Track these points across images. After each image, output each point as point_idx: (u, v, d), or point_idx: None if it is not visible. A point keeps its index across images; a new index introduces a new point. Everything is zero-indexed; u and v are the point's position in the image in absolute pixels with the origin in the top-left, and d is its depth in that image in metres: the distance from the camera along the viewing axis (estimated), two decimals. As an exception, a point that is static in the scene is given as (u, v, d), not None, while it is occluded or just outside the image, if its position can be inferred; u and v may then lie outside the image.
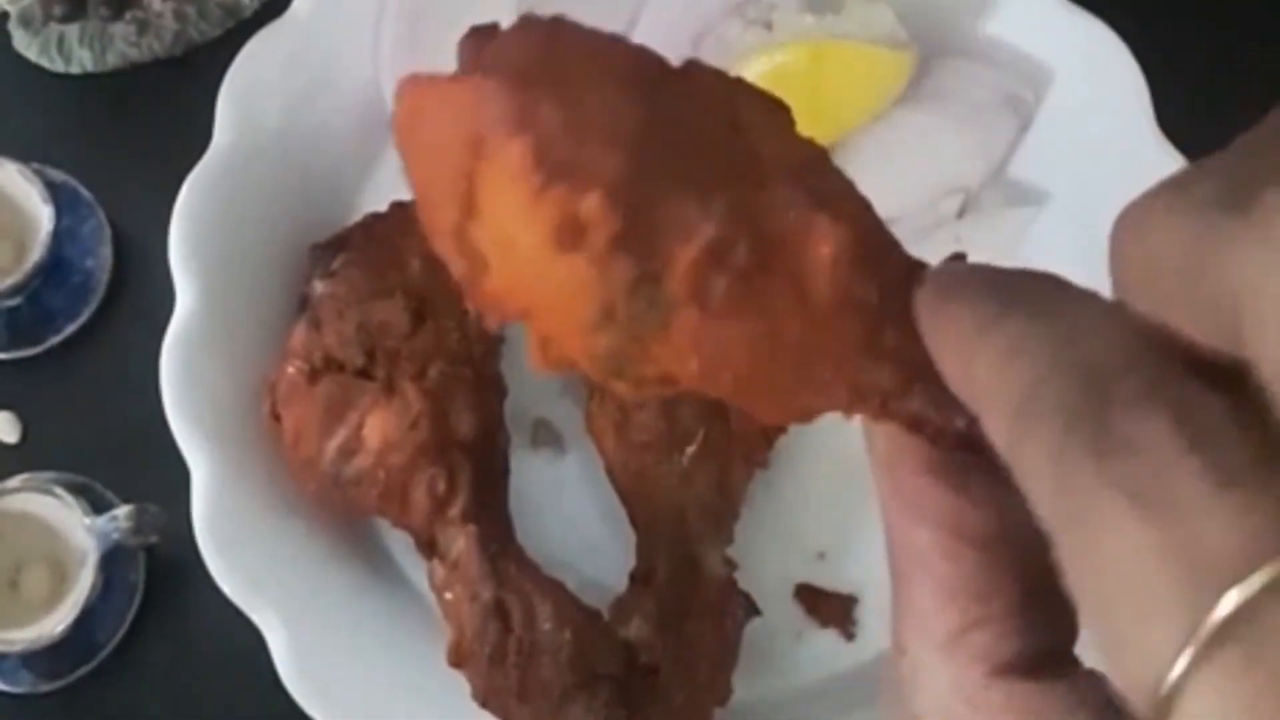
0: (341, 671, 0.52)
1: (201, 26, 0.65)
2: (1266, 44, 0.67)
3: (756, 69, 0.57)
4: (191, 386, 0.53)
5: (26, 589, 0.56)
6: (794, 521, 0.58)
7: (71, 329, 0.62)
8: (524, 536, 0.54)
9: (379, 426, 0.51)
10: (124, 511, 0.55)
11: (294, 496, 0.54)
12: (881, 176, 0.59)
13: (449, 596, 0.51)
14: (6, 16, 0.65)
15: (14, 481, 0.57)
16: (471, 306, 0.43)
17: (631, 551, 0.54)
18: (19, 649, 0.55)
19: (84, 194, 0.63)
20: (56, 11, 0.63)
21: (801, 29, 0.58)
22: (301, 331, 0.53)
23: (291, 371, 0.53)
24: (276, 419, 0.53)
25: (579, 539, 0.57)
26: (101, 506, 0.57)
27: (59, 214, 0.59)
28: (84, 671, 0.58)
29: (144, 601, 0.59)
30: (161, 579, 0.59)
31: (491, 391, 0.55)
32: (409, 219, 0.54)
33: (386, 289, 0.53)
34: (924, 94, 0.60)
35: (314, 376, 0.52)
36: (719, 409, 0.54)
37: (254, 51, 0.58)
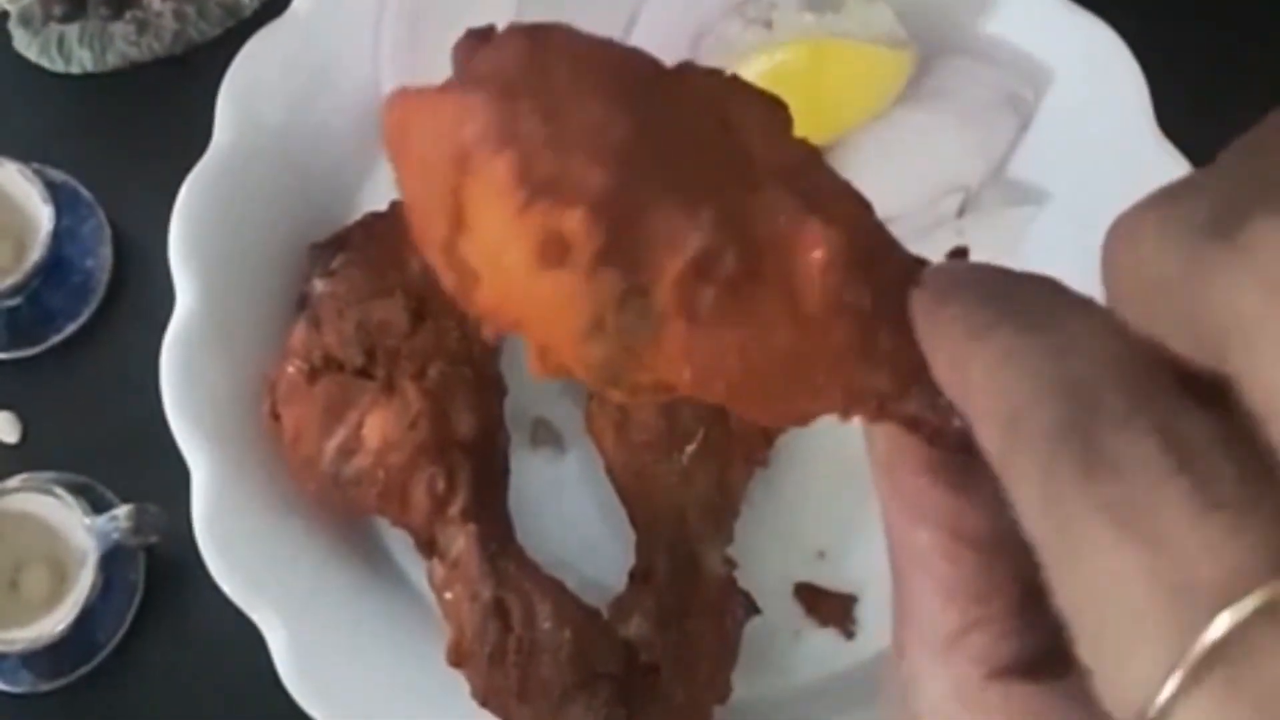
0: (341, 671, 0.52)
1: (201, 26, 0.65)
2: (1266, 44, 0.67)
3: (756, 68, 0.57)
4: (191, 386, 0.53)
5: (26, 589, 0.56)
6: (794, 520, 0.58)
7: (71, 329, 0.62)
8: (524, 536, 0.54)
9: (379, 426, 0.51)
10: (124, 511, 0.55)
11: (294, 496, 0.54)
12: (881, 175, 0.59)
13: (449, 596, 0.51)
14: (6, 16, 0.65)
15: (14, 481, 0.57)
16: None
17: (631, 550, 0.54)
18: (19, 649, 0.55)
19: (84, 194, 0.63)
20: (56, 11, 0.63)
21: (801, 28, 0.58)
22: (301, 331, 0.53)
23: (291, 371, 0.53)
24: (276, 418, 0.53)
25: (579, 538, 0.57)
26: (101, 506, 0.57)
27: (59, 214, 0.59)
28: (84, 671, 0.58)
29: (144, 601, 0.59)
30: (161, 579, 0.59)
31: (491, 391, 0.55)
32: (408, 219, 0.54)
33: (386, 288, 0.53)
34: (924, 93, 0.60)
35: (314, 376, 0.52)
36: (719, 408, 0.53)
37: (254, 51, 0.58)
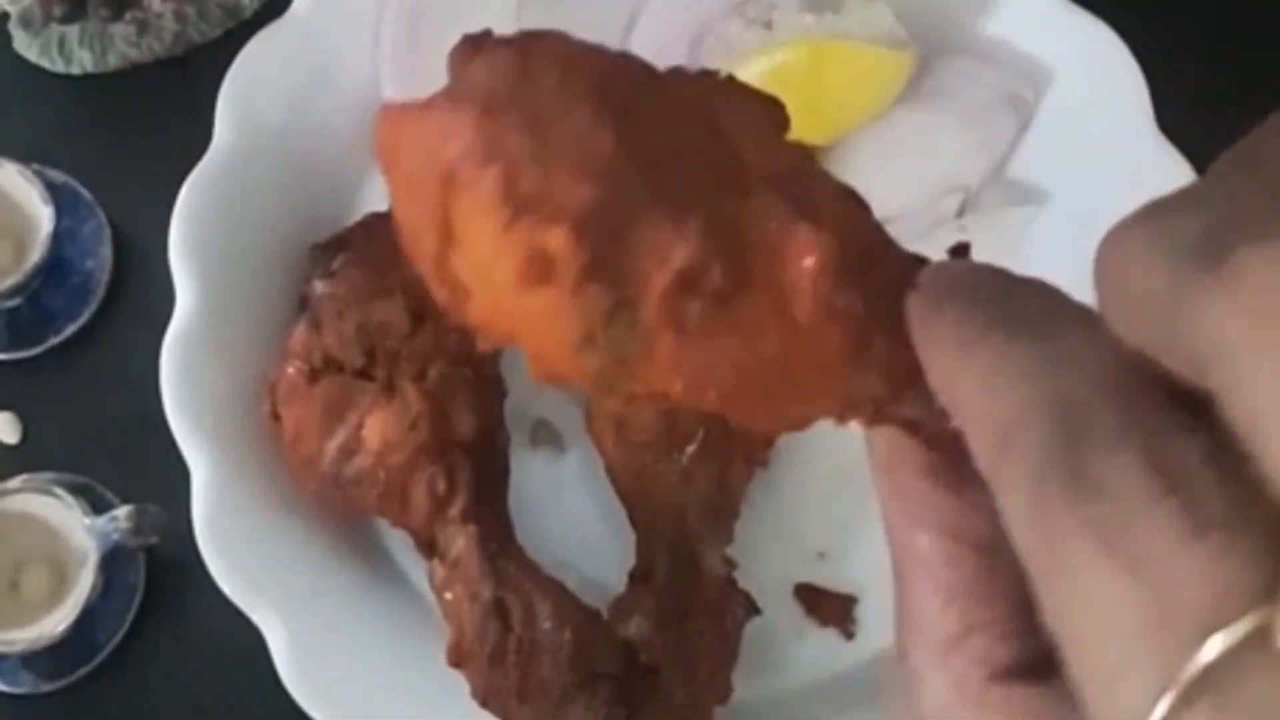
0: (341, 671, 0.52)
1: (201, 27, 0.65)
2: (1266, 44, 0.67)
3: (756, 68, 0.57)
4: (191, 387, 0.53)
5: (27, 589, 0.56)
6: (794, 521, 0.58)
7: (71, 329, 0.62)
8: (524, 536, 0.54)
9: (379, 426, 0.51)
10: (124, 512, 0.55)
11: (294, 497, 0.54)
12: (881, 175, 0.59)
13: (449, 596, 0.51)
14: (7, 17, 0.65)
15: (14, 482, 0.57)
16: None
17: (631, 551, 0.54)
18: (19, 649, 0.55)
19: (84, 194, 0.63)
20: (57, 12, 0.63)
21: (801, 28, 0.58)
22: (301, 332, 0.53)
23: (291, 372, 0.53)
24: (276, 419, 0.53)
25: (579, 538, 0.57)
26: (101, 507, 0.57)
27: (59, 214, 0.59)
28: (84, 672, 0.58)
29: (144, 602, 0.59)
30: (161, 579, 0.59)
31: (491, 391, 0.55)
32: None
33: (386, 289, 0.53)
34: (924, 93, 0.60)
35: (314, 376, 0.52)
36: (719, 409, 0.53)
37: (254, 52, 0.58)
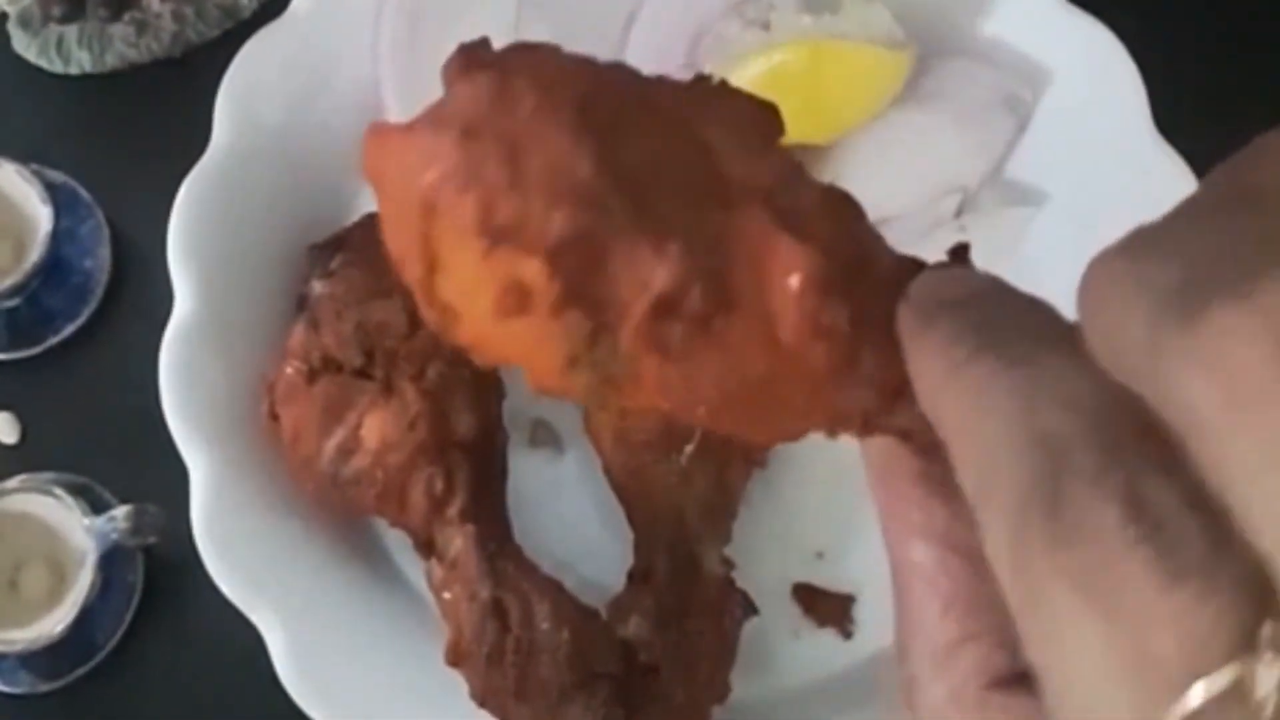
0: (340, 671, 0.52)
1: (200, 27, 0.65)
2: (1265, 44, 0.67)
3: (754, 69, 0.57)
4: (190, 387, 0.53)
5: (25, 589, 0.56)
6: (792, 521, 0.58)
7: (70, 329, 0.62)
8: (522, 536, 0.54)
9: (377, 426, 0.51)
10: (123, 512, 0.55)
11: (292, 497, 0.54)
12: (879, 176, 0.59)
13: (447, 596, 0.51)
14: (5, 17, 0.65)
15: (13, 482, 0.57)
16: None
17: (630, 551, 0.54)
18: (18, 649, 0.55)
19: (83, 194, 0.63)
20: (55, 12, 0.63)
21: (799, 29, 0.58)
22: (300, 332, 0.53)
23: (290, 371, 0.53)
24: (275, 419, 0.53)
25: (577, 538, 0.57)
26: (100, 507, 0.57)
27: (58, 214, 0.59)
28: (83, 672, 0.58)
29: (143, 602, 0.59)
30: (160, 579, 0.59)
31: (490, 391, 0.55)
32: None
33: (385, 289, 0.53)
34: (922, 94, 0.60)
35: (312, 376, 0.52)
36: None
37: (252, 52, 0.58)
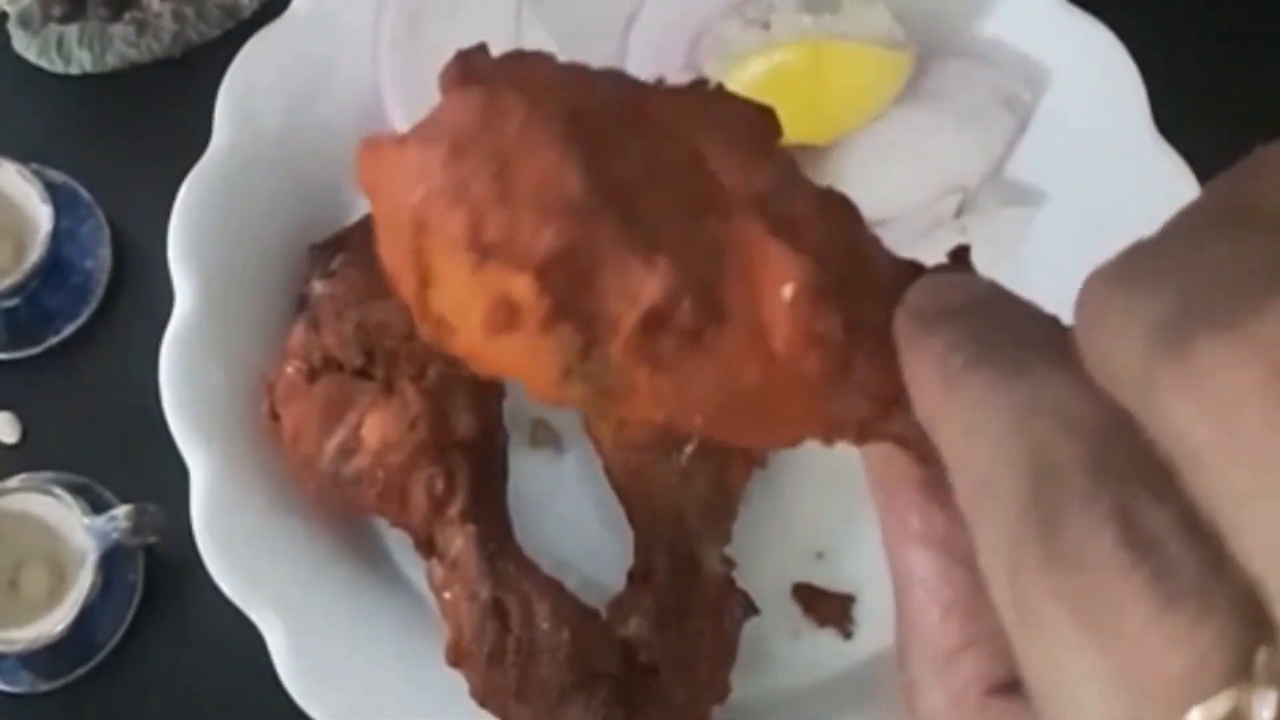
0: (340, 670, 0.52)
1: (200, 27, 0.65)
2: (1265, 44, 0.67)
3: (755, 69, 0.57)
4: (190, 386, 0.53)
5: (26, 589, 0.56)
6: (792, 521, 0.58)
7: (71, 329, 0.62)
8: (522, 536, 0.54)
9: (378, 426, 0.51)
10: (123, 511, 0.55)
11: (293, 496, 0.54)
12: (879, 176, 0.59)
13: (447, 596, 0.51)
14: (6, 17, 0.65)
15: (13, 481, 0.57)
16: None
17: (630, 550, 0.54)
18: (18, 649, 0.55)
19: (83, 194, 0.63)
20: (56, 12, 0.64)
21: (799, 29, 0.58)
22: (300, 331, 0.53)
23: (290, 371, 0.53)
24: (275, 419, 0.53)
25: (577, 538, 0.57)
26: (101, 506, 0.57)
27: (58, 214, 0.60)
28: (83, 671, 0.58)
29: (143, 601, 0.59)
30: (161, 579, 0.59)
31: (490, 391, 0.55)
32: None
33: (385, 289, 0.53)
34: (922, 94, 0.60)
35: (313, 376, 0.52)
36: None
37: (253, 52, 0.58)
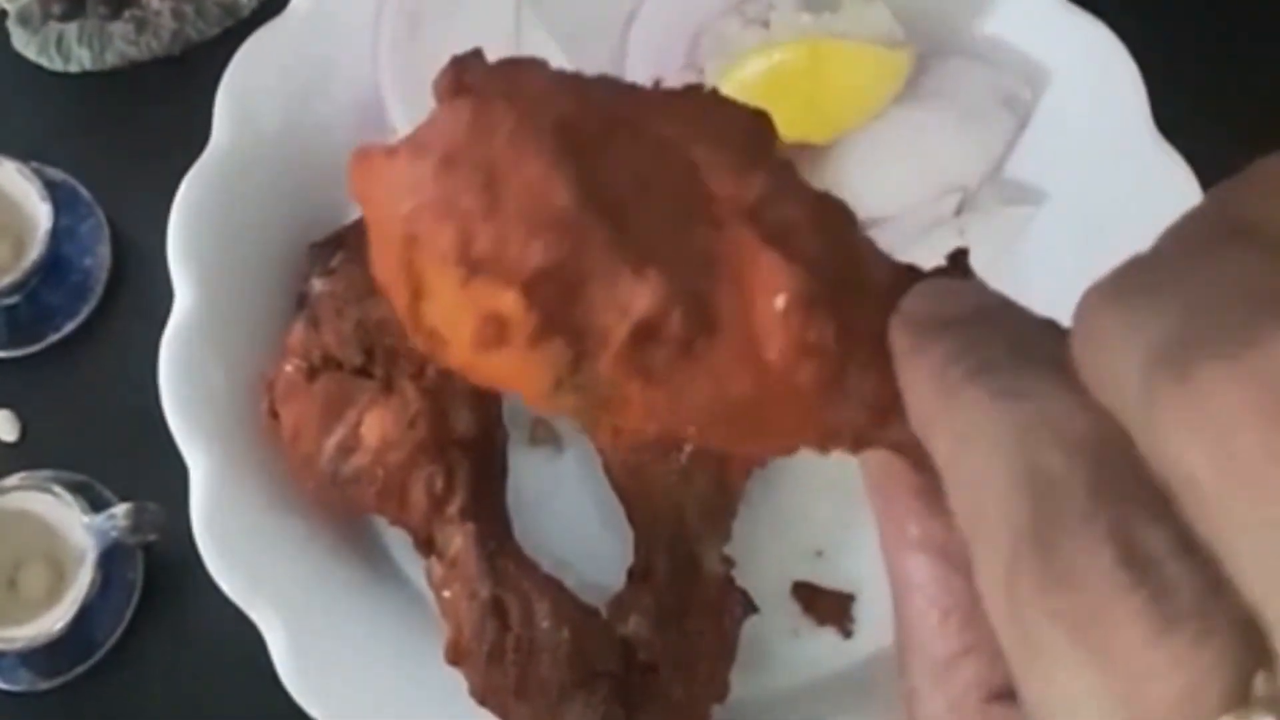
0: (340, 669, 0.52)
1: (200, 25, 0.65)
2: (1265, 44, 0.67)
3: (754, 68, 0.57)
4: (190, 385, 0.53)
5: (25, 587, 0.56)
6: (792, 519, 0.58)
7: (70, 327, 0.62)
8: (522, 535, 0.54)
9: (377, 425, 0.51)
10: (122, 510, 0.55)
11: (292, 495, 0.54)
12: (879, 175, 0.59)
13: (447, 594, 0.51)
14: (5, 15, 0.65)
15: (12, 480, 0.57)
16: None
17: (629, 549, 0.54)
18: (18, 647, 0.55)
19: (82, 192, 0.63)
20: (55, 10, 0.63)
21: (799, 28, 0.58)
22: (300, 330, 0.53)
23: (290, 370, 0.53)
24: (275, 417, 0.53)
25: (577, 537, 0.57)
26: (100, 504, 0.57)
27: (57, 212, 0.59)
28: (82, 669, 0.58)
29: (142, 600, 0.59)
30: (160, 577, 0.59)
31: (490, 390, 0.55)
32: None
33: (384, 288, 0.53)
34: (922, 93, 0.60)
35: (312, 374, 0.52)
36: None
37: (252, 50, 0.58)
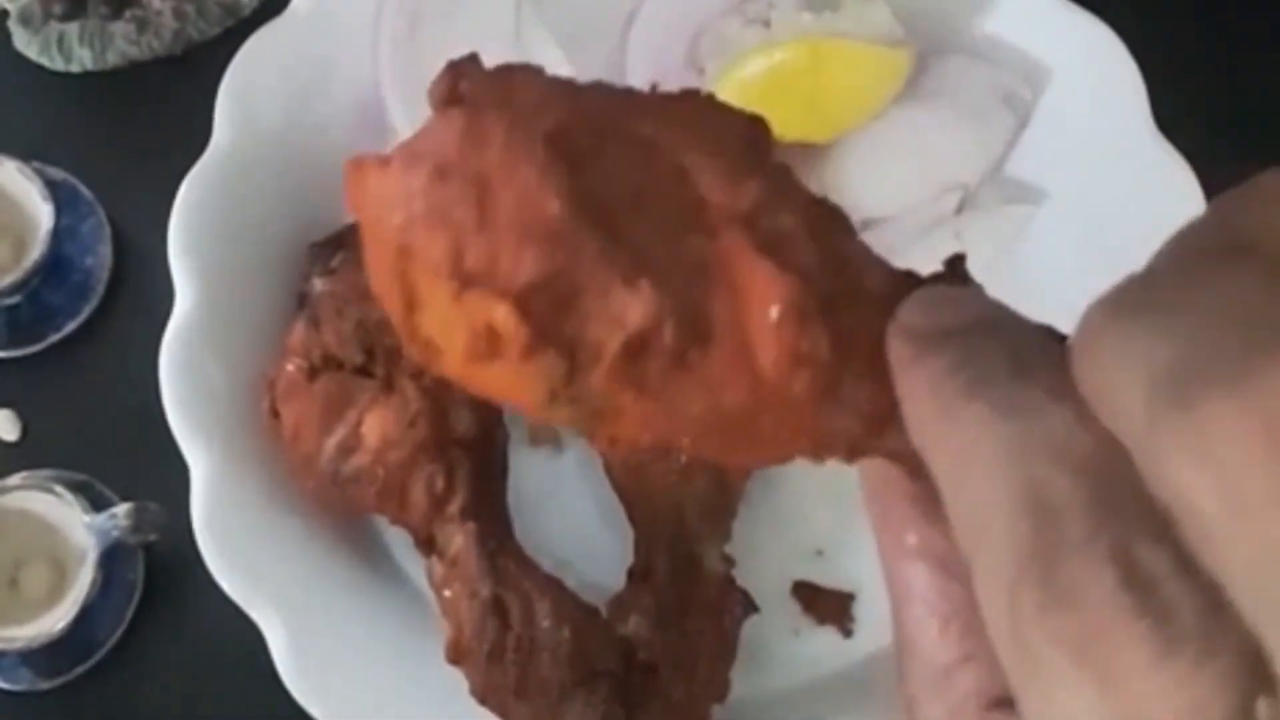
0: (340, 669, 0.52)
1: (201, 25, 0.66)
2: (1265, 43, 0.67)
3: (755, 67, 0.57)
4: (191, 384, 0.53)
5: (26, 587, 0.56)
6: (792, 519, 0.58)
7: (71, 327, 0.62)
8: (522, 534, 0.54)
9: (378, 424, 0.51)
10: (123, 509, 0.55)
11: (293, 494, 0.54)
12: (879, 175, 0.59)
13: (448, 594, 0.51)
14: (6, 15, 0.65)
15: (14, 479, 0.57)
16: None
17: (630, 549, 0.54)
18: (18, 646, 0.55)
19: (84, 192, 0.63)
20: (56, 10, 0.64)
21: (800, 27, 0.58)
22: (300, 329, 0.53)
23: (290, 369, 0.53)
24: (275, 416, 0.53)
25: (577, 536, 0.57)
26: (101, 504, 0.57)
27: (59, 212, 0.60)
28: (83, 669, 0.58)
29: (143, 599, 0.59)
30: (161, 577, 0.59)
31: (490, 391, 0.55)
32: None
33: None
34: (922, 92, 0.60)
35: (313, 374, 0.52)
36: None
37: (253, 50, 0.58)
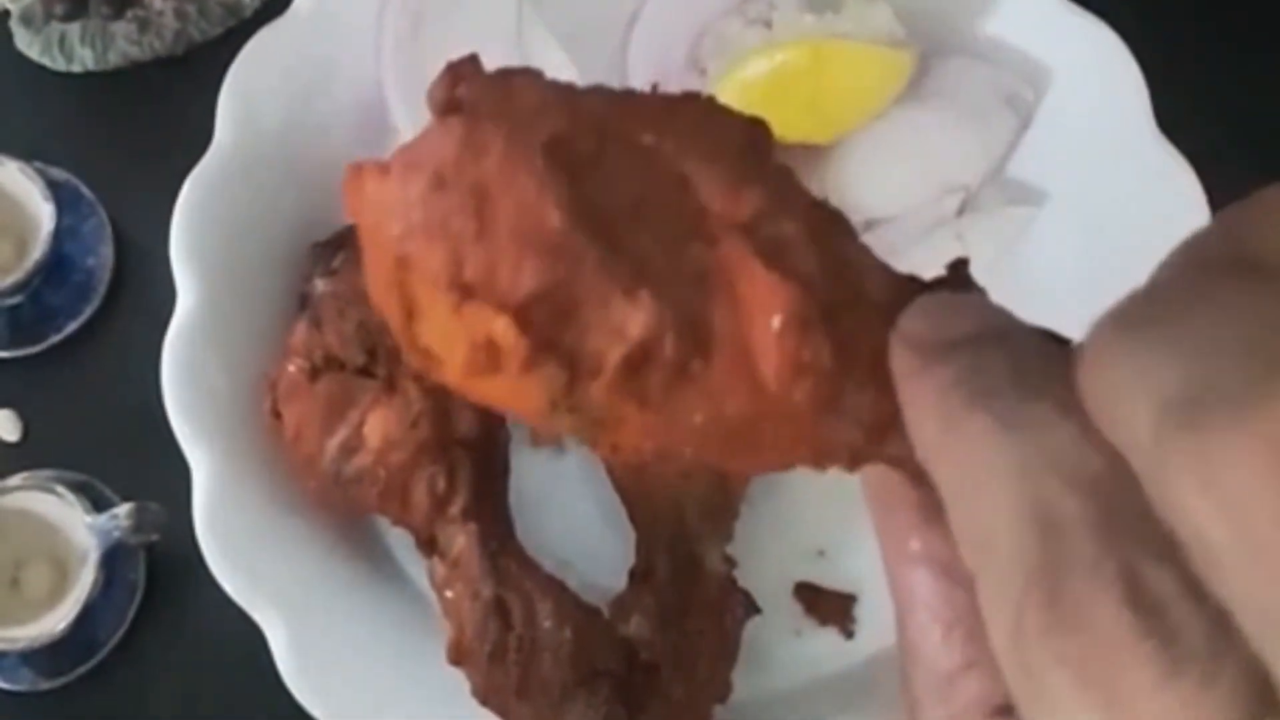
0: (342, 669, 0.52)
1: (202, 25, 0.66)
2: (1266, 44, 0.67)
3: (756, 68, 0.57)
4: (192, 385, 0.53)
5: (27, 587, 0.56)
6: (793, 519, 0.58)
7: (72, 327, 0.62)
8: (524, 535, 0.54)
9: (380, 424, 0.51)
10: (125, 509, 0.55)
11: (295, 495, 0.54)
12: (881, 176, 0.59)
13: (449, 594, 0.51)
14: (8, 15, 0.65)
15: (15, 479, 0.57)
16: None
17: (631, 549, 0.54)
18: (20, 647, 0.55)
19: (85, 192, 0.63)
20: (58, 10, 0.64)
21: (801, 28, 0.58)
22: (302, 330, 0.53)
23: (292, 370, 0.53)
24: (277, 417, 0.53)
25: (579, 537, 0.57)
26: (102, 504, 0.57)
27: (60, 212, 0.60)
28: (84, 669, 0.58)
29: (144, 599, 0.59)
30: (162, 577, 0.59)
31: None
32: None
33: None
34: (924, 93, 0.60)
35: (315, 374, 0.53)
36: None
37: (255, 50, 0.58)
